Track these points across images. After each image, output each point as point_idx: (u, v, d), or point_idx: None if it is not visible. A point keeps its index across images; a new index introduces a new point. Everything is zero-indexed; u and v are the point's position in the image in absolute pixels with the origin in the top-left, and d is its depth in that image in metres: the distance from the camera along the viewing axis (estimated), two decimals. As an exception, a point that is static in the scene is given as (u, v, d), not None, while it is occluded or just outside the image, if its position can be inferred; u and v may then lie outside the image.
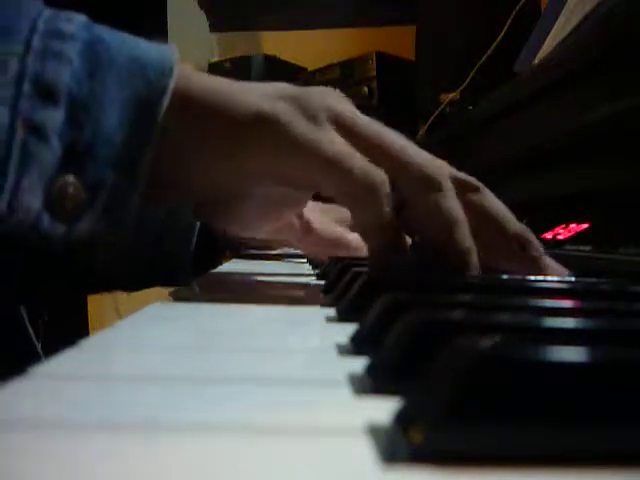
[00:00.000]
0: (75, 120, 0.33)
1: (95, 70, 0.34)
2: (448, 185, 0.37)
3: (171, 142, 0.36)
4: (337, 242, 0.56)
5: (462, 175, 0.39)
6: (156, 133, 0.35)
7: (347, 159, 0.36)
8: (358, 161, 0.36)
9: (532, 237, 0.39)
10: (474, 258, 0.37)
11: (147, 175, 0.35)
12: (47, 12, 0.35)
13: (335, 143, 0.36)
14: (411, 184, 0.37)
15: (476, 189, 0.39)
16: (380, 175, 0.36)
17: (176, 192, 0.39)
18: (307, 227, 0.56)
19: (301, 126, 0.36)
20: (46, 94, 0.33)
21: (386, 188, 0.36)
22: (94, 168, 0.34)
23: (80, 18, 0.35)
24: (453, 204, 0.37)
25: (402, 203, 0.38)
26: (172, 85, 0.35)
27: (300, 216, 0.53)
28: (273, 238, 0.58)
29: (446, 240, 0.37)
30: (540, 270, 0.38)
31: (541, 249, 0.39)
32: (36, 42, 0.33)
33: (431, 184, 0.37)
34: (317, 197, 0.44)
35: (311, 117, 0.36)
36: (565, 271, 0.40)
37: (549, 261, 0.39)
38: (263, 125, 0.35)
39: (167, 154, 0.36)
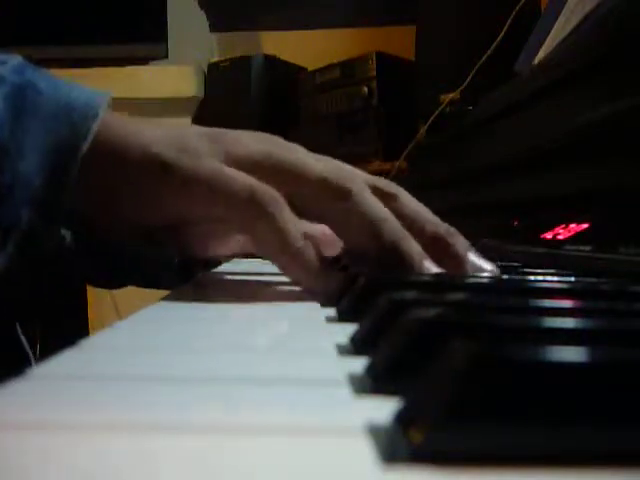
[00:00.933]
0: None
1: (20, 114, 0.34)
2: (359, 188, 0.36)
3: (95, 182, 0.36)
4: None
5: (376, 180, 0.38)
6: (73, 175, 0.35)
7: (230, 183, 0.35)
8: (241, 181, 0.35)
9: (455, 236, 0.38)
10: (414, 245, 0.36)
11: (63, 215, 0.35)
12: None
13: (217, 172, 0.36)
14: (320, 201, 0.36)
15: (391, 193, 0.38)
16: (268, 191, 0.35)
17: (122, 226, 0.39)
18: None
19: (189, 165, 0.36)
20: None
21: (279, 202, 0.35)
22: (10, 209, 0.34)
23: (15, 61, 0.35)
24: (370, 204, 0.36)
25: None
26: (95, 129, 0.35)
27: None
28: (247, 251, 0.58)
29: (379, 242, 0.36)
30: (462, 270, 0.37)
31: (463, 248, 0.38)
32: None
33: (340, 194, 0.36)
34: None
35: (197, 155, 0.36)
36: (493, 268, 0.38)
37: (474, 259, 0.38)
38: (160, 171, 0.36)
39: (94, 193, 0.37)
